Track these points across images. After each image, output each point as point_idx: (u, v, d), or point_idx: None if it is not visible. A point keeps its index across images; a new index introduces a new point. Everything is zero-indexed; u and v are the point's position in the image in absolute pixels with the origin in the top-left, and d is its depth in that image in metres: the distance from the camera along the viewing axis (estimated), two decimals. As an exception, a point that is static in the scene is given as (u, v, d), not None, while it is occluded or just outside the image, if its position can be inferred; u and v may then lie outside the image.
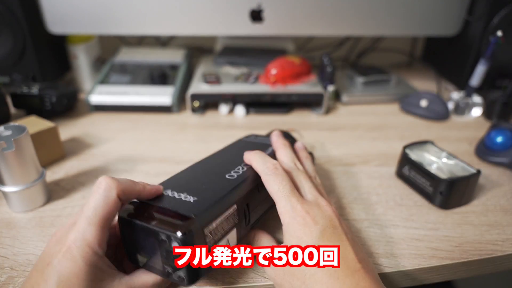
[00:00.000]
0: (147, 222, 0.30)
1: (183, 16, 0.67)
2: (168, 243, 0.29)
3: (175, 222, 0.29)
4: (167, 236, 0.28)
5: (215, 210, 0.31)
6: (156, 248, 0.30)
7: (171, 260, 0.29)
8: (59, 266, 0.27)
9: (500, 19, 0.67)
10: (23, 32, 0.66)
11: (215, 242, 0.31)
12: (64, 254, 0.28)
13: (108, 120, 0.65)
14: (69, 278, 0.27)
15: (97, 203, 0.29)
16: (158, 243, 0.29)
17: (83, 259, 0.28)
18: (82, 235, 0.28)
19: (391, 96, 0.74)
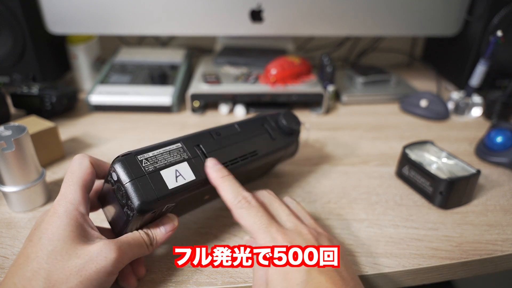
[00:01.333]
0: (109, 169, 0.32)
1: (183, 16, 0.67)
2: (112, 180, 0.31)
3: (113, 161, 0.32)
4: (110, 172, 0.31)
5: (154, 146, 0.34)
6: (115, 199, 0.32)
7: (120, 195, 0.31)
8: (46, 225, 0.30)
9: (500, 19, 0.67)
10: (23, 32, 0.66)
11: (155, 169, 0.32)
12: (50, 214, 0.30)
13: (108, 120, 0.65)
14: (54, 232, 0.29)
15: (73, 168, 0.33)
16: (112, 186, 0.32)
17: (66, 214, 0.30)
18: (64, 195, 0.31)
19: (391, 96, 0.74)
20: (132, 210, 0.30)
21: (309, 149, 0.57)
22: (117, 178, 0.31)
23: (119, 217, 0.33)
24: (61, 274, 0.27)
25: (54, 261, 0.28)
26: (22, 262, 0.28)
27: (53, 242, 0.28)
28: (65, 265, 0.28)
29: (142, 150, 0.33)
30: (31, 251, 0.28)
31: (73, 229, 0.29)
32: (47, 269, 0.27)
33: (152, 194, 0.31)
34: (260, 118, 0.44)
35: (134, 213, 0.30)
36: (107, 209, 0.35)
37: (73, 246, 0.29)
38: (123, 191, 0.30)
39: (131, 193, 0.30)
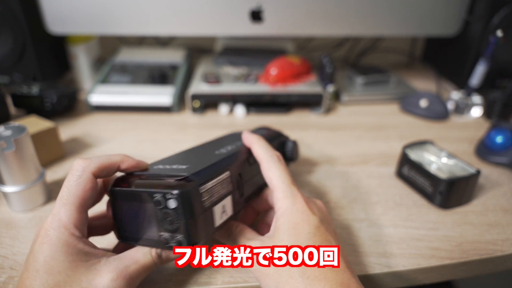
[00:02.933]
0: (139, 187, 0.29)
1: (183, 16, 0.67)
2: (164, 203, 0.28)
3: (169, 183, 0.28)
4: (163, 195, 0.27)
5: (209, 172, 0.31)
6: (150, 215, 0.29)
7: (168, 223, 0.28)
8: (38, 252, 0.27)
9: (500, 19, 0.67)
10: (23, 32, 0.66)
11: (211, 205, 0.30)
12: (41, 238, 0.27)
13: (108, 120, 0.65)
14: (47, 261, 0.26)
15: (70, 183, 0.29)
16: (153, 207, 0.28)
17: (60, 241, 0.27)
18: (57, 216, 0.28)
19: (391, 96, 0.74)
20: (176, 242, 0.28)
21: (309, 149, 0.57)
22: (176, 207, 0.27)
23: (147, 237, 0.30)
24: None
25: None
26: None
27: (53, 276, 0.26)
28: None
29: (202, 178, 0.30)
30: (29, 285, 0.26)
31: (72, 258, 0.27)
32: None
33: (202, 234, 0.29)
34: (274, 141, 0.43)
35: (175, 244, 0.29)
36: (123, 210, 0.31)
37: (78, 280, 0.27)
38: (176, 223, 0.28)
39: (185, 230, 0.28)
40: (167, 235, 0.29)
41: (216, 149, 0.37)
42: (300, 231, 0.31)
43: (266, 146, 0.36)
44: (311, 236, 0.30)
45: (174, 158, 0.37)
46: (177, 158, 0.36)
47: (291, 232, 0.31)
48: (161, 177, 0.30)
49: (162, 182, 0.29)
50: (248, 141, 0.37)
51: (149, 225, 0.29)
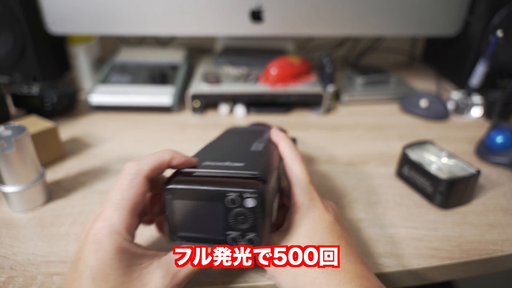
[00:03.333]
0: (208, 186, 0.28)
1: (183, 16, 0.67)
2: (240, 202, 0.27)
3: (244, 181, 0.28)
4: (240, 194, 0.27)
5: (268, 170, 0.31)
6: (217, 214, 0.28)
7: (240, 221, 0.28)
8: (89, 258, 0.26)
9: (500, 19, 0.67)
10: (23, 32, 0.66)
11: (272, 202, 0.30)
12: (92, 244, 0.27)
13: (108, 120, 0.65)
14: (101, 269, 0.26)
15: (123, 187, 0.29)
16: (221, 206, 0.28)
17: (114, 247, 0.27)
18: (108, 221, 0.27)
19: (391, 96, 0.74)
20: (246, 241, 0.29)
21: (309, 149, 0.57)
22: (253, 206, 0.27)
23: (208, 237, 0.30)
24: None
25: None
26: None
27: (110, 283, 0.26)
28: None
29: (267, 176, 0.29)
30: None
31: (127, 263, 0.27)
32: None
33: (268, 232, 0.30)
34: None
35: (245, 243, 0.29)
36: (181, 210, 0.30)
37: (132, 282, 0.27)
38: (249, 222, 0.28)
39: (259, 229, 0.28)
40: (235, 234, 0.29)
41: (248, 145, 0.37)
42: (317, 226, 0.31)
43: (292, 145, 0.38)
44: (328, 231, 0.31)
45: (214, 153, 0.35)
46: (218, 153, 0.35)
47: (308, 227, 0.31)
48: (228, 175, 0.29)
49: (233, 180, 0.28)
50: (276, 138, 0.40)
51: (213, 224, 0.29)
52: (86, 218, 0.42)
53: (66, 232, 0.40)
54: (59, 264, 0.36)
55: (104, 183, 0.48)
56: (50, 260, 0.37)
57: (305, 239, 0.31)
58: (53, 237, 0.39)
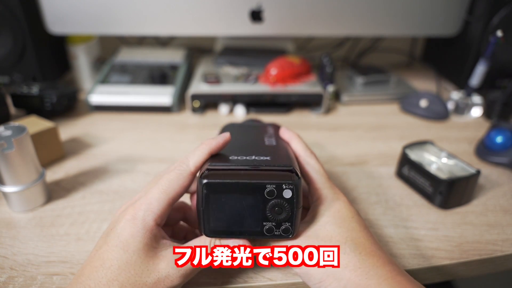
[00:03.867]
0: (246, 179, 0.29)
1: (183, 16, 0.67)
2: (279, 193, 0.29)
3: (276, 174, 0.30)
4: (278, 185, 0.29)
5: (295, 165, 0.32)
6: (253, 206, 0.29)
7: (276, 212, 0.29)
8: (121, 230, 0.30)
9: (500, 19, 0.67)
10: (23, 32, 0.66)
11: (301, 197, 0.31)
12: (128, 216, 0.30)
13: (108, 120, 0.65)
14: (127, 240, 0.29)
15: (172, 177, 0.31)
16: (258, 198, 0.29)
17: (143, 223, 0.30)
18: (149, 201, 0.30)
19: (391, 96, 0.74)
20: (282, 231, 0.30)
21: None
22: (290, 197, 0.29)
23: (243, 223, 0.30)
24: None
25: (127, 275, 0.28)
26: (98, 266, 0.29)
27: (128, 253, 0.29)
28: (136, 282, 0.28)
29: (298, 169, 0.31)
30: (107, 257, 0.29)
31: (147, 241, 0.29)
32: (121, 282, 0.28)
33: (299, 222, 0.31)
34: None
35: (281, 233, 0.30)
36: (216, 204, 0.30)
37: (146, 261, 0.29)
38: (285, 212, 0.29)
39: (294, 219, 0.29)
40: (271, 225, 0.30)
41: (261, 140, 0.39)
42: (344, 215, 0.32)
43: (303, 143, 0.39)
44: (355, 220, 0.32)
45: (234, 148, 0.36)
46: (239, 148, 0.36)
47: (336, 216, 0.32)
48: (261, 168, 0.31)
49: (270, 173, 0.30)
50: (287, 136, 0.40)
51: (250, 216, 0.30)
52: (86, 218, 0.42)
53: (66, 232, 0.40)
54: (59, 264, 0.36)
55: (104, 183, 0.48)
56: (50, 260, 0.37)
57: (332, 227, 0.31)
58: (53, 237, 0.39)
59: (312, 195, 0.35)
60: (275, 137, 0.40)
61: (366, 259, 0.29)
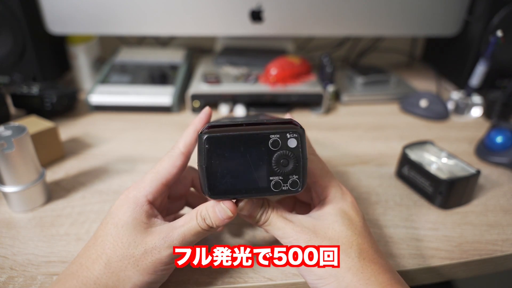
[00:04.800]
0: (249, 131, 0.28)
1: (183, 16, 0.67)
2: (283, 143, 0.28)
3: (278, 125, 0.29)
4: (282, 135, 0.28)
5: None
6: (259, 160, 0.28)
7: (283, 164, 0.28)
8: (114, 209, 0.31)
9: (500, 19, 0.67)
10: (23, 32, 0.66)
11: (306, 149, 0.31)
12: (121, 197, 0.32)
13: (108, 120, 0.65)
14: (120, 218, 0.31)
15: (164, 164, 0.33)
16: (264, 151, 0.28)
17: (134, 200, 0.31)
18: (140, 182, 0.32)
19: (391, 96, 0.74)
20: (290, 184, 0.29)
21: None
22: (296, 146, 0.28)
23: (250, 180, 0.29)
24: (120, 262, 0.29)
25: (115, 248, 0.29)
26: (91, 244, 0.31)
27: (117, 228, 0.30)
28: (124, 254, 0.29)
29: None
30: (99, 234, 0.31)
31: (136, 215, 0.30)
32: (108, 255, 0.29)
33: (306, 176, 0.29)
34: None
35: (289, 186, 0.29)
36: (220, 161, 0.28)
37: (134, 235, 0.30)
38: (291, 163, 0.28)
39: (302, 170, 0.28)
40: (278, 179, 0.29)
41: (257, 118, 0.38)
42: (351, 218, 0.32)
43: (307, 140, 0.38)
44: (361, 225, 0.32)
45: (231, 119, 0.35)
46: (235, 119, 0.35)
47: (344, 216, 0.32)
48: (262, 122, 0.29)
49: (272, 124, 0.29)
50: None
51: (255, 171, 0.29)
52: (86, 218, 0.42)
53: (66, 232, 0.40)
54: (59, 264, 0.36)
55: (104, 183, 0.48)
56: (50, 260, 0.37)
57: (341, 227, 0.31)
58: (53, 237, 0.39)
59: (319, 193, 0.34)
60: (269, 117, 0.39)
61: (368, 266, 0.29)
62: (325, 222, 0.32)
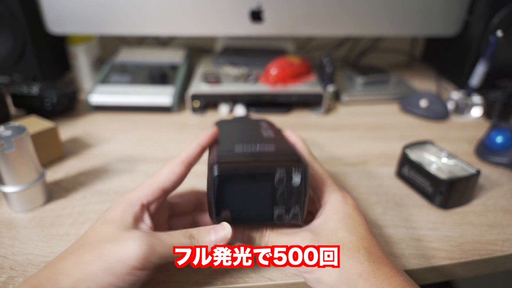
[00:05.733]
0: (257, 167, 0.30)
1: (183, 16, 0.67)
2: (289, 179, 0.29)
3: (284, 161, 0.30)
4: (288, 171, 0.29)
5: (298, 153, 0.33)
6: (264, 193, 0.30)
7: (286, 198, 0.30)
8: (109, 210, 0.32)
9: (500, 19, 0.67)
10: (23, 32, 0.66)
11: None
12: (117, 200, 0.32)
13: (108, 120, 0.65)
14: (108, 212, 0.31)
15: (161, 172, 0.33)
16: (269, 185, 0.30)
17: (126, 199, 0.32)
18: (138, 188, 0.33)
19: (391, 96, 0.74)
20: (291, 216, 0.31)
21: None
22: (300, 183, 0.30)
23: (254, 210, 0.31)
24: (90, 254, 0.28)
25: (92, 239, 0.29)
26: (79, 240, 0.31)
27: (103, 222, 0.31)
28: (95, 246, 0.29)
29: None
30: (89, 231, 0.31)
31: (124, 215, 0.31)
32: (82, 245, 0.29)
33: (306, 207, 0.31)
34: None
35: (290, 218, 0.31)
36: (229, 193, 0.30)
37: (113, 230, 0.29)
38: (294, 198, 0.30)
39: (302, 204, 0.30)
40: (281, 211, 0.31)
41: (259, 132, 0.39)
42: (355, 222, 0.32)
43: (307, 147, 0.39)
44: (365, 228, 0.32)
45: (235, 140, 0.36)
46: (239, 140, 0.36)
47: (347, 221, 0.32)
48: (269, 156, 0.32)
49: (279, 160, 0.31)
50: (292, 139, 0.40)
51: (260, 203, 0.30)
52: (86, 218, 0.42)
53: (66, 232, 0.40)
54: (59, 264, 0.36)
55: (104, 183, 0.48)
56: (50, 260, 0.37)
57: (345, 233, 0.31)
58: (53, 237, 0.39)
59: (320, 198, 0.34)
60: (270, 130, 0.41)
61: (379, 269, 0.29)
62: (327, 230, 0.31)
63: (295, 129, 0.63)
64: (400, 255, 0.38)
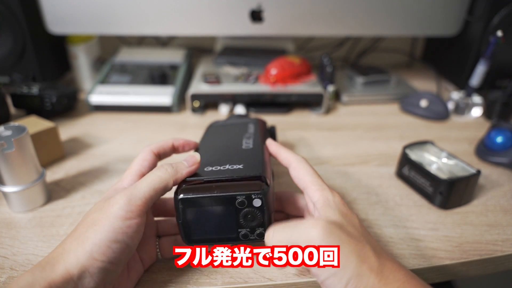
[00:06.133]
0: (217, 192, 0.31)
1: (183, 16, 0.67)
2: (249, 203, 0.31)
3: (249, 184, 0.32)
4: (248, 196, 0.31)
5: (266, 170, 0.34)
6: (227, 215, 0.32)
7: (249, 220, 0.32)
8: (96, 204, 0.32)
9: (500, 19, 0.67)
10: (23, 32, 0.66)
11: (273, 197, 0.34)
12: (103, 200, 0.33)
13: (108, 120, 0.65)
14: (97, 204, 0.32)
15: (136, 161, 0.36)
16: (231, 208, 0.31)
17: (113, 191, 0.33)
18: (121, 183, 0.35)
19: (391, 96, 0.74)
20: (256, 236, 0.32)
21: (309, 149, 0.57)
22: (260, 205, 0.31)
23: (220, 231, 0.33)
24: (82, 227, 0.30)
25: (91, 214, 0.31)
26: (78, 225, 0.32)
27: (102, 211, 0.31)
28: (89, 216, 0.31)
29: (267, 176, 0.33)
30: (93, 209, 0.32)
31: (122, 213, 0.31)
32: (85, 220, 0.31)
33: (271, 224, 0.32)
34: None
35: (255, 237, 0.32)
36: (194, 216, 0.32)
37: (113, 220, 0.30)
38: (257, 219, 0.32)
39: (266, 224, 0.32)
40: (245, 231, 0.32)
41: (238, 143, 0.40)
42: (350, 219, 0.32)
43: (290, 152, 0.39)
44: (361, 226, 0.32)
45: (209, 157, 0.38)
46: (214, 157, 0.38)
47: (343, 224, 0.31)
48: (231, 179, 0.33)
49: (240, 184, 0.32)
50: (274, 150, 0.40)
51: (225, 224, 0.32)
52: (86, 218, 0.42)
53: (66, 233, 0.40)
54: (59, 264, 0.36)
55: (104, 183, 0.48)
56: (50, 260, 0.36)
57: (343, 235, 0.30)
58: (53, 237, 0.39)
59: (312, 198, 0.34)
60: (253, 136, 0.41)
61: (384, 263, 0.29)
62: None
63: (295, 129, 0.63)
64: (400, 255, 0.38)
